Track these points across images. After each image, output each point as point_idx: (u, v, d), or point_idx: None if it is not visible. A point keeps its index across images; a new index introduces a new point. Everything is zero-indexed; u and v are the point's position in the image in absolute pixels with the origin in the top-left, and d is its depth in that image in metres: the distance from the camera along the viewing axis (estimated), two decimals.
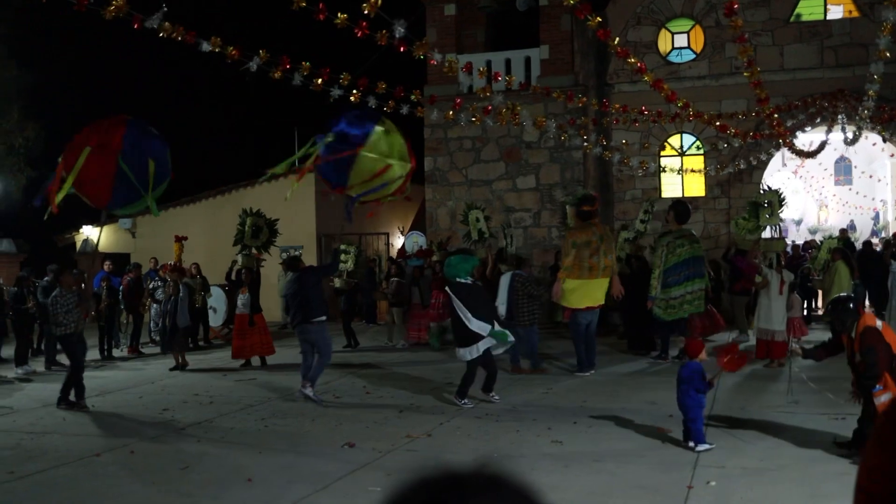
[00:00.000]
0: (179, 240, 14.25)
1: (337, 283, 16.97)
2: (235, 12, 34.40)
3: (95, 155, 9.09)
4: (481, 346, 9.97)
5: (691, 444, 7.67)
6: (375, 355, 15.12)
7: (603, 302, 12.52)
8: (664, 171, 20.39)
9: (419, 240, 19.11)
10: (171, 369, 13.69)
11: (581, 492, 6.58)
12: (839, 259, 15.13)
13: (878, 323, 7.28)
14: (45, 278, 15.11)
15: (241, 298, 13.98)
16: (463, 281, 10.19)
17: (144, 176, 8.71)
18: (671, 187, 21.14)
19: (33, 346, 15.48)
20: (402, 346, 16.07)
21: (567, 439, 8.25)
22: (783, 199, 13.57)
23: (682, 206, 13.40)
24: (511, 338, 10.37)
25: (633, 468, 7.22)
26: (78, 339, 10.93)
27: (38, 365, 14.35)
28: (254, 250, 14.53)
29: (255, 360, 14.12)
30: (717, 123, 15.69)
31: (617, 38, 10.73)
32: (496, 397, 10.24)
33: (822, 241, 17.69)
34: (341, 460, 7.67)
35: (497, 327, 10.13)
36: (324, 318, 10.85)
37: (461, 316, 9.94)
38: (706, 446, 7.63)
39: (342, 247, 16.81)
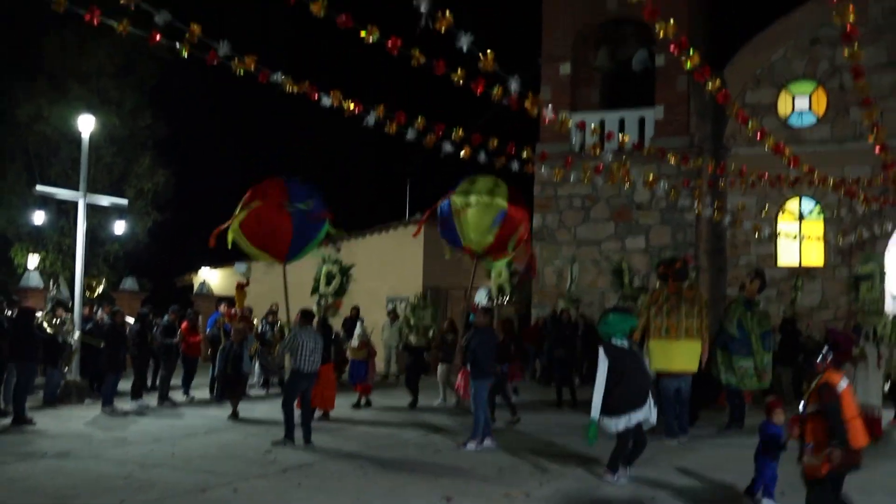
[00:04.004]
0: (242, 287, 14.49)
1: (413, 339, 16.14)
2: (353, 67, 35.60)
3: (268, 211, 11.17)
4: (635, 417, 9.02)
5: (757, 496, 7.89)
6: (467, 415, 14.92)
7: (692, 368, 12.09)
8: (779, 236, 19.77)
9: (483, 296, 17.96)
10: (232, 416, 13.33)
11: None
12: None
13: None
14: (166, 317, 15.80)
15: None
16: (619, 344, 9.24)
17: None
18: (788, 254, 20.44)
19: (148, 381, 16.11)
20: (439, 404, 15.43)
21: None
22: (883, 272, 13.24)
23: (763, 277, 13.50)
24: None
25: None
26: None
27: (152, 400, 14.88)
28: (330, 299, 14.61)
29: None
30: (844, 188, 15.16)
31: (736, 103, 10.56)
32: (621, 479, 9.00)
33: None
34: None
35: (648, 407, 9.10)
36: None
37: (609, 382, 8.96)
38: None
39: (415, 301, 16.63)
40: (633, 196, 20.71)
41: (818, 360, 6.88)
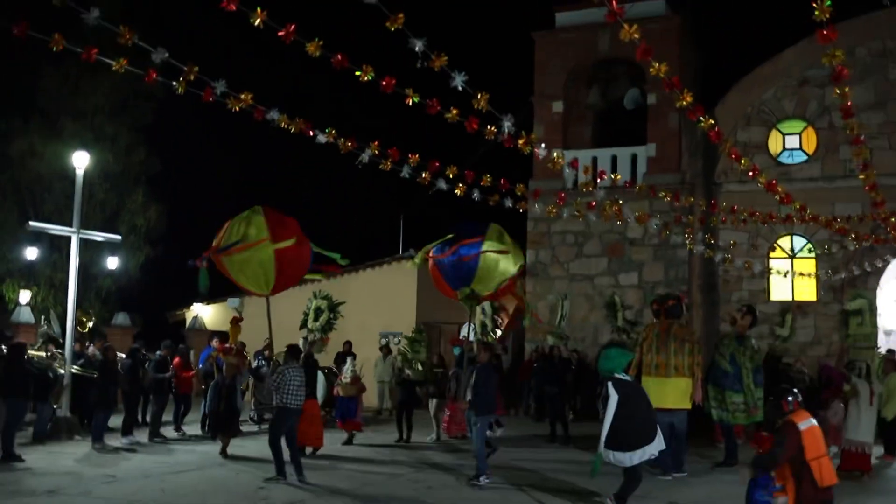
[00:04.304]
0: (236, 322, 14.48)
1: (410, 373, 15.86)
2: (349, 104, 35.88)
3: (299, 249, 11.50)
4: (649, 450, 9.05)
5: None
6: (455, 451, 14.83)
7: (685, 405, 12.10)
8: (771, 273, 19.87)
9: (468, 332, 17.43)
10: (222, 453, 13.14)
11: None
12: (893, 371, 13.95)
13: None
14: (158, 352, 15.73)
15: None
16: (624, 377, 9.35)
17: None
18: (780, 290, 20.51)
19: (139, 417, 15.98)
20: (431, 439, 15.36)
21: None
22: (872, 308, 13.34)
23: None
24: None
25: None
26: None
27: (143, 436, 14.76)
28: (317, 334, 14.60)
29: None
30: (837, 226, 15.27)
31: (729, 141, 10.68)
32: None
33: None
34: None
35: (659, 439, 9.20)
36: None
37: (618, 417, 8.96)
38: None
39: (412, 335, 16.54)
40: (625, 232, 20.81)
41: (785, 401, 6.96)
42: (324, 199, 38.17)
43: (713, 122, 9.32)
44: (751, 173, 11.16)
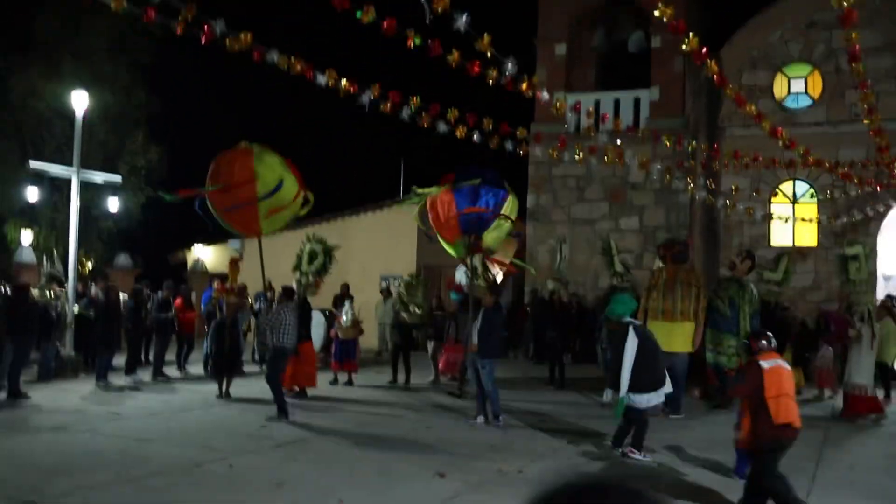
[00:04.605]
0: (235, 263, 14.53)
1: (407, 316, 15.83)
2: (350, 48, 35.44)
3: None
4: (662, 392, 9.32)
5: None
6: (454, 392, 14.99)
7: (686, 349, 12.27)
8: (773, 218, 19.87)
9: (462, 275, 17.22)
10: (224, 393, 13.18)
11: None
12: (886, 316, 14.02)
13: None
14: (160, 292, 15.86)
15: None
16: (636, 322, 9.62)
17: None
18: (781, 235, 20.54)
19: (142, 357, 16.17)
20: (429, 382, 15.43)
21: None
22: (869, 253, 13.42)
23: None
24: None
25: None
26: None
27: (146, 375, 14.94)
28: (310, 277, 14.60)
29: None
30: (841, 171, 15.22)
31: (734, 86, 10.59)
32: (647, 456, 9.27)
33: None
34: (432, 489, 7.71)
35: (667, 383, 9.41)
36: None
37: (638, 360, 9.13)
38: None
39: (408, 279, 16.50)
40: (627, 177, 20.75)
41: (755, 342, 7.20)
42: (324, 140, 38.00)
43: (718, 66, 9.24)
44: (755, 118, 11.09)
